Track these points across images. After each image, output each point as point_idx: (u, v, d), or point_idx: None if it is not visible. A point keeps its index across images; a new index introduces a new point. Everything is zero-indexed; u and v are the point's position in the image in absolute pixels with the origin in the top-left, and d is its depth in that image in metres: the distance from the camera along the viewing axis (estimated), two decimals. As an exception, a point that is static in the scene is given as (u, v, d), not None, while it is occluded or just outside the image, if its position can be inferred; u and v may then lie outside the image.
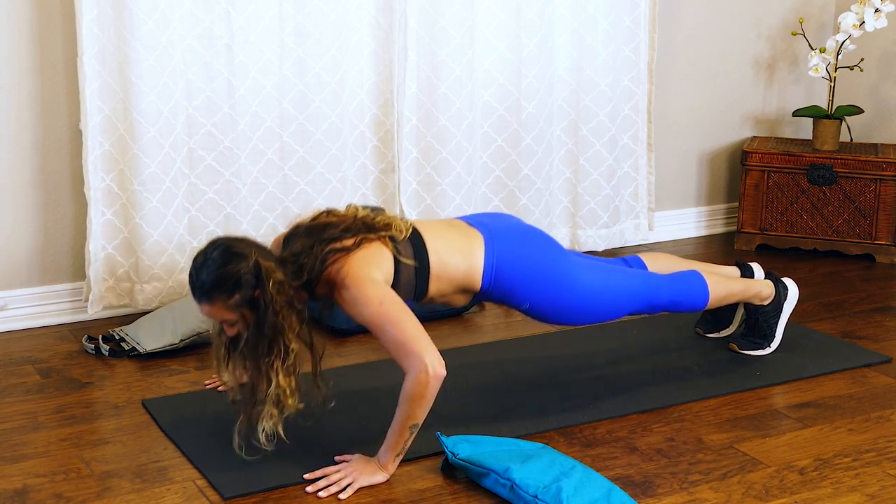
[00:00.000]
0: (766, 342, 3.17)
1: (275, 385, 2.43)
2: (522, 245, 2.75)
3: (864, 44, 4.42)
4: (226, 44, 3.45)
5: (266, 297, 2.41)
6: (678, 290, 2.96)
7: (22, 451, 2.61)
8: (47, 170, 3.39)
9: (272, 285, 2.41)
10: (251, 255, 2.43)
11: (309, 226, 2.60)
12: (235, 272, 2.41)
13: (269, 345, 2.43)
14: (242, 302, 2.43)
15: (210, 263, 2.44)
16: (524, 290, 2.72)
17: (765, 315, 3.15)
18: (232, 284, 2.41)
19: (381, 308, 2.44)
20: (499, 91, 3.91)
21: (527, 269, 2.72)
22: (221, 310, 2.45)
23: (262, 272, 2.41)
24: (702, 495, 2.41)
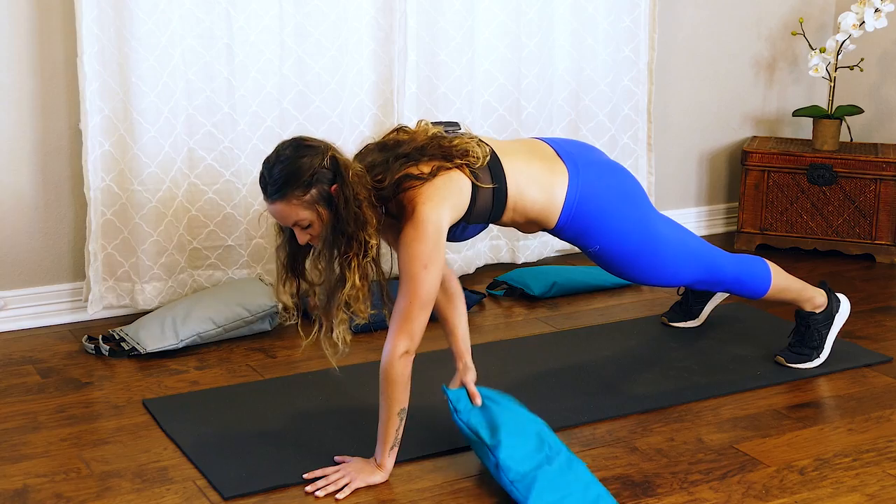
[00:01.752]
0: (816, 353, 3.09)
1: (350, 285, 2.35)
2: (608, 187, 2.65)
3: (864, 44, 4.42)
4: (226, 44, 3.45)
5: (346, 190, 2.32)
6: (744, 269, 2.93)
7: (22, 451, 2.61)
8: (47, 170, 3.39)
9: (352, 176, 2.33)
10: (327, 149, 2.36)
11: (381, 142, 2.51)
12: (311, 165, 2.33)
13: (348, 240, 2.35)
14: (319, 198, 2.34)
15: (284, 159, 2.35)
16: (598, 233, 2.65)
17: (816, 323, 3.07)
18: (308, 178, 2.32)
19: (420, 271, 2.36)
20: (499, 91, 3.91)
21: (606, 212, 2.63)
22: (296, 207, 2.35)
23: (339, 165, 2.34)
24: (702, 495, 2.41)
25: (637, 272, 2.77)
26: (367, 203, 2.36)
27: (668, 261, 2.77)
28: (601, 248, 2.69)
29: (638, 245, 2.71)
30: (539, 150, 2.66)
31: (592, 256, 2.74)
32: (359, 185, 2.36)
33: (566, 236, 2.69)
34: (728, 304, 3.56)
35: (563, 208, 2.61)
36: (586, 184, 2.61)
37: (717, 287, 2.93)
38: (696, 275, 2.85)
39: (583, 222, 2.64)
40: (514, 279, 3.77)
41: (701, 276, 2.86)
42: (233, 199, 3.55)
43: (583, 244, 2.71)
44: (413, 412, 2.75)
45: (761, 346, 3.23)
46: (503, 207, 2.56)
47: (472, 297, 3.61)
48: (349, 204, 2.34)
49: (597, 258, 2.75)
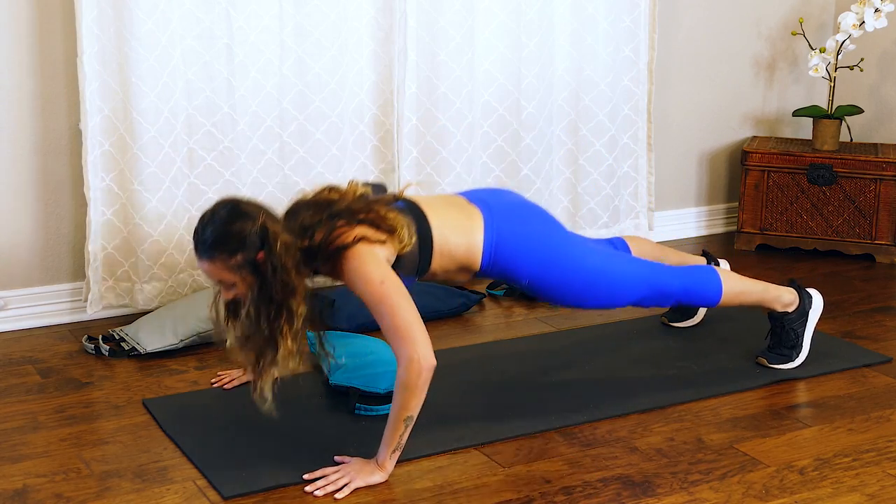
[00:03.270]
0: (795, 353, 3.09)
1: (282, 351, 2.41)
2: (522, 222, 2.75)
3: (864, 44, 4.42)
4: (226, 44, 3.45)
5: (273, 260, 2.38)
6: (691, 280, 2.94)
7: (22, 451, 2.61)
8: (47, 170, 3.39)
9: (280, 247, 2.39)
10: (259, 216, 2.41)
11: (313, 201, 2.57)
12: (241, 231, 2.39)
13: (277, 307, 2.41)
14: (244, 263, 2.40)
15: (216, 220, 2.42)
16: (524, 267, 2.73)
17: (790, 322, 3.07)
18: (235, 244, 2.39)
19: (381, 288, 2.43)
20: (499, 91, 3.91)
21: (526, 246, 2.72)
22: (221, 269, 2.42)
23: (268, 234, 2.40)
24: (702, 495, 2.41)
25: (574, 299, 2.82)
26: (294, 272, 2.43)
27: (602, 285, 2.81)
28: (530, 281, 2.76)
29: (566, 274, 2.77)
30: (455, 201, 2.78)
31: (527, 291, 2.80)
32: (286, 255, 2.42)
33: (494, 275, 2.76)
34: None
35: (484, 248, 2.70)
36: (501, 224, 2.72)
37: (667, 301, 2.94)
38: (639, 293, 2.87)
39: (505, 259, 2.72)
40: (514, 279, 3.76)
41: (644, 294, 2.88)
42: (233, 199, 3.55)
43: (513, 280, 2.77)
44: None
45: (760, 346, 3.22)
46: (430, 255, 2.64)
47: (472, 297, 3.61)
48: (276, 272, 2.40)
49: (532, 292, 2.80)
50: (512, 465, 2.55)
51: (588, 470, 2.52)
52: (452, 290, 3.62)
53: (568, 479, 2.48)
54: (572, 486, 2.44)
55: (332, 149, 3.65)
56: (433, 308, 3.51)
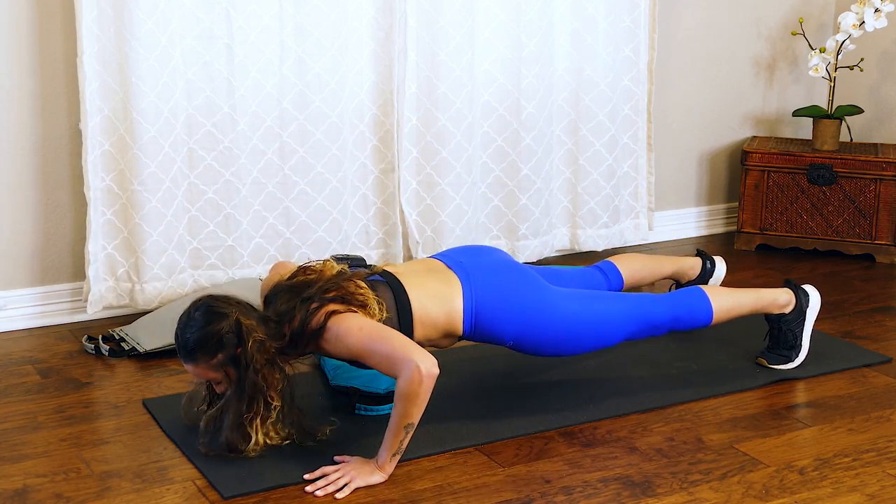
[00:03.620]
0: (794, 353, 3.08)
1: (253, 442, 2.51)
2: (499, 284, 2.75)
3: (864, 44, 4.42)
4: (226, 44, 3.45)
5: (247, 356, 2.47)
6: (677, 306, 2.91)
7: (22, 451, 2.61)
8: (47, 170, 3.39)
9: (252, 344, 2.47)
10: (232, 314, 2.49)
11: (288, 285, 2.62)
12: (217, 332, 2.48)
13: (248, 402, 2.49)
14: (226, 361, 2.49)
15: (193, 324, 2.51)
16: (506, 329, 2.73)
17: (787, 323, 3.06)
18: (214, 344, 2.48)
19: (361, 332, 2.47)
20: (499, 91, 3.91)
21: (506, 308, 2.72)
22: (206, 370, 2.52)
23: (242, 330, 2.48)
24: (702, 495, 2.41)
25: (563, 350, 2.81)
26: (268, 367, 2.49)
27: (587, 332, 2.80)
28: (515, 342, 2.76)
29: (549, 328, 2.76)
30: (432, 267, 2.78)
31: (515, 349, 2.80)
32: (259, 351, 2.48)
33: (478, 338, 2.76)
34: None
35: (464, 315, 2.70)
36: (479, 288, 2.72)
37: (659, 332, 2.92)
38: (628, 330, 2.85)
39: (487, 323, 2.72)
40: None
41: (633, 329, 2.86)
42: (233, 199, 3.55)
43: (498, 342, 2.77)
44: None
45: (761, 346, 3.22)
46: (411, 325, 2.64)
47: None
48: (249, 370, 2.47)
49: (520, 349, 2.80)
50: (512, 465, 2.55)
51: (588, 470, 2.52)
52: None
53: (568, 479, 2.48)
54: (572, 486, 2.44)
55: (332, 149, 3.65)
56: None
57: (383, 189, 3.82)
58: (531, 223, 4.03)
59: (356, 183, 3.77)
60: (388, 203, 3.83)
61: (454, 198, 3.85)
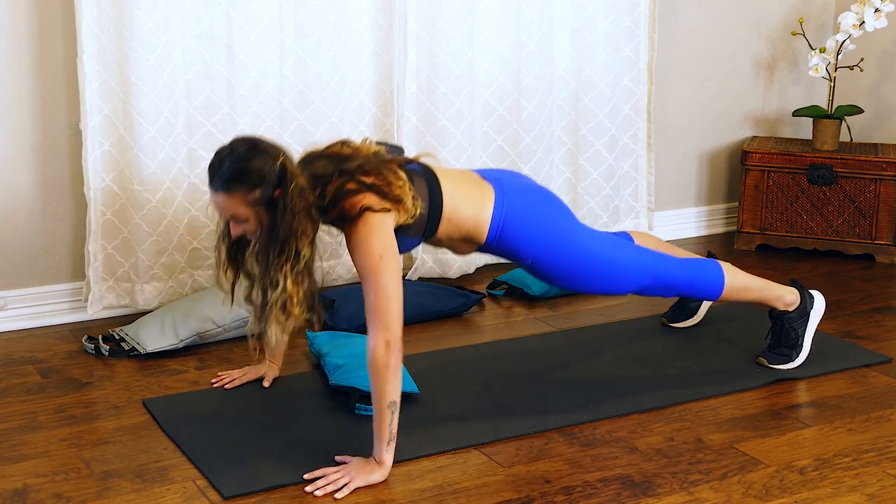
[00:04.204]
0: (795, 353, 3.08)
1: (281, 289, 2.44)
2: (532, 204, 2.78)
3: (864, 44, 4.42)
4: (226, 44, 3.45)
5: (286, 199, 2.42)
6: (693, 272, 2.96)
7: (22, 451, 2.61)
8: (47, 170, 3.39)
9: (294, 187, 2.43)
10: (279, 155, 2.45)
11: (326, 152, 2.61)
12: (261, 167, 2.43)
13: (281, 247, 2.44)
14: (261, 199, 2.44)
15: (236, 155, 2.45)
16: (528, 247, 2.76)
17: (791, 321, 3.07)
18: (256, 179, 2.43)
19: (377, 263, 2.46)
20: (499, 91, 3.91)
21: (533, 227, 2.76)
22: (237, 203, 2.46)
23: (287, 173, 2.44)
24: (702, 495, 2.41)
25: (576, 283, 2.85)
26: (304, 214, 2.46)
27: (605, 271, 2.84)
28: (534, 261, 2.79)
29: (570, 257, 2.80)
30: (469, 175, 2.81)
31: (530, 270, 2.83)
32: (300, 196, 2.45)
33: (499, 250, 2.79)
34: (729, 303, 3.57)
35: (492, 223, 2.72)
36: (511, 202, 2.75)
37: (669, 292, 2.96)
38: (642, 281, 2.89)
39: (511, 236, 2.75)
40: (514, 279, 3.77)
41: (647, 283, 2.90)
42: (233, 199, 3.55)
43: (517, 258, 2.80)
44: (412, 412, 2.75)
45: (761, 346, 3.22)
46: (438, 220, 2.67)
47: (472, 297, 3.61)
48: (286, 212, 2.43)
49: (534, 271, 2.83)
50: (512, 465, 2.55)
51: (588, 470, 2.52)
52: (452, 290, 3.63)
53: (568, 479, 2.48)
54: (572, 486, 2.44)
55: (332, 149, 3.65)
56: (433, 308, 3.51)
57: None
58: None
59: (356, 183, 3.77)
60: (388, 203, 3.83)
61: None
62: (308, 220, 2.46)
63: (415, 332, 3.38)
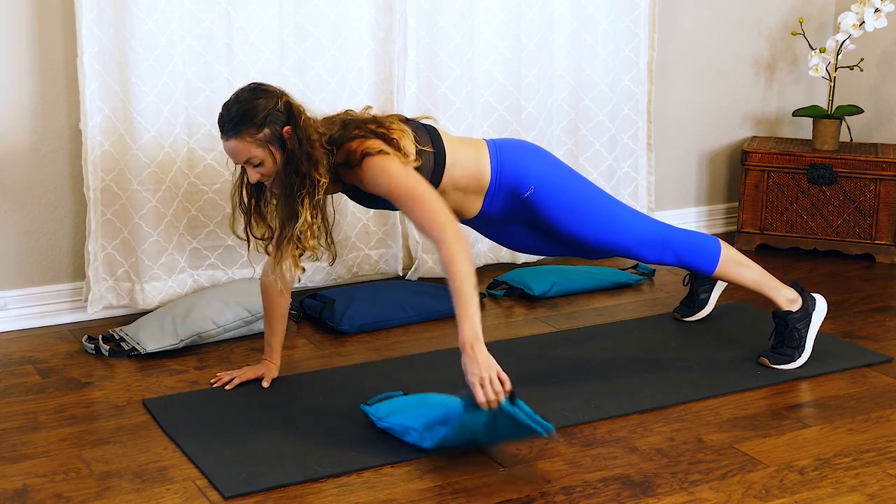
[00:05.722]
0: (797, 353, 3.09)
1: (301, 220, 2.55)
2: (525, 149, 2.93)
3: (864, 44, 4.42)
4: (226, 44, 3.45)
5: (299, 132, 2.54)
6: (691, 237, 3.04)
7: (22, 451, 2.61)
8: (47, 170, 3.39)
9: (304, 119, 2.56)
10: (281, 94, 2.59)
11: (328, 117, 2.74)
12: (266, 106, 2.55)
13: (301, 178, 2.55)
14: (272, 137, 2.56)
15: (242, 99, 2.58)
16: (529, 174, 2.86)
17: (794, 321, 3.07)
18: (262, 118, 2.55)
19: (406, 179, 2.57)
20: (499, 91, 3.91)
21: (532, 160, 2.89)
22: (250, 145, 2.56)
23: (293, 109, 2.57)
24: (702, 495, 2.41)
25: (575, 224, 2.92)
26: (318, 144, 2.58)
27: (604, 214, 2.94)
28: (536, 188, 2.86)
29: (570, 193, 2.91)
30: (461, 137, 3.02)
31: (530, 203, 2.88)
32: (310, 127, 2.58)
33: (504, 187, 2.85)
34: (729, 303, 3.57)
35: (491, 162, 2.84)
36: (503, 144, 2.90)
37: (666, 256, 3.02)
38: (639, 235, 2.97)
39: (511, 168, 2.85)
40: (514, 279, 3.77)
41: (644, 238, 2.97)
42: (233, 199, 3.55)
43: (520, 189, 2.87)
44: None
45: (761, 346, 3.23)
46: (444, 167, 2.77)
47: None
48: (302, 144, 2.56)
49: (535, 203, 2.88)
50: (512, 465, 2.55)
51: (588, 470, 2.52)
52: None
53: (568, 479, 2.48)
54: (572, 486, 2.44)
55: (332, 149, 3.65)
56: (433, 308, 3.51)
57: (383, 189, 3.82)
58: (531, 223, 4.03)
59: (356, 183, 3.77)
60: (388, 203, 3.83)
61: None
62: (322, 150, 2.58)
63: (415, 332, 3.38)
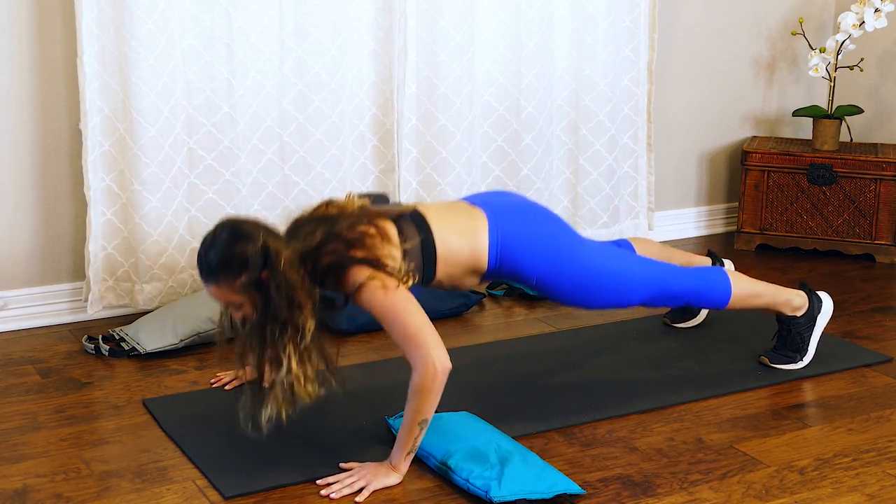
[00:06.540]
0: (799, 356, 3.09)
1: (286, 370, 2.39)
2: (527, 221, 2.75)
3: (864, 44, 4.42)
4: (226, 44, 3.45)
5: (276, 277, 2.38)
6: (699, 281, 2.94)
7: (22, 451, 2.61)
8: (47, 170, 3.39)
9: (283, 263, 2.39)
10: (259, 236, 2.41)
11: (312, 216, 2.56)
12: (242, 252, 2.39)
13: (283, 325, 2.40)
14: (249, 283, 2.40)
15: (217, 244, 2.42)
16: (532, 265, 2.72)
17: (798, 327, 3.07)
18: (239, 265, 2.39)
19: (386, 299, 2.43)
20: (499, 91, 3.91)
21: (533, 245, 2.72)
22: (227, 292, 2.43)
23: (270, 253, 2.40)
24: (702, 495, 2.41)
25: (583, 298, 2.82)
26: (299, 288, 2.41)
27: (610, 284, 2.81)
28: (539, 279, 2.76)
29: (574, 272, 2.77)
30: (458, 205, 2.77)
31: (536, 290, 2.80)
32: (290, 271, 2.40)
33: (503, 275, 2.76)
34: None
35: (490, 249, 2.69)
36: (506, 224, 2.71)
37: (676, 302, 2.94)
38: (648, 293, 2.86)
39: (513, 258, 2.71)
40: (515, 279, 3.76)
41: (653, 294, 2.88)
42: (233, 199, 3.55)
43: (522, 279, 2.77)
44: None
45: (761, 346, 3.23)
46: (434, 261, 2.63)
47: (472, 298, 3.61)
48: (280, 290, 2.39)
49: (541, 290, 2.80)
50: (512, 465, 2.54)
51: (588, 470, 2.52)
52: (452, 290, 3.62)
53: (568, 479, 2.48)
54: (572, 486, 2.44)
55: (332, 149, 3.65)
56: (433, 308, 3.51)
57: (383, 189, 3.82)
58: (531, 223, 4.03)
59: (356, 183, 3.77)
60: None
61: (454, 198, 3.85)
62: (303, 293, 2.42)
63: (415, 332, 3.38)
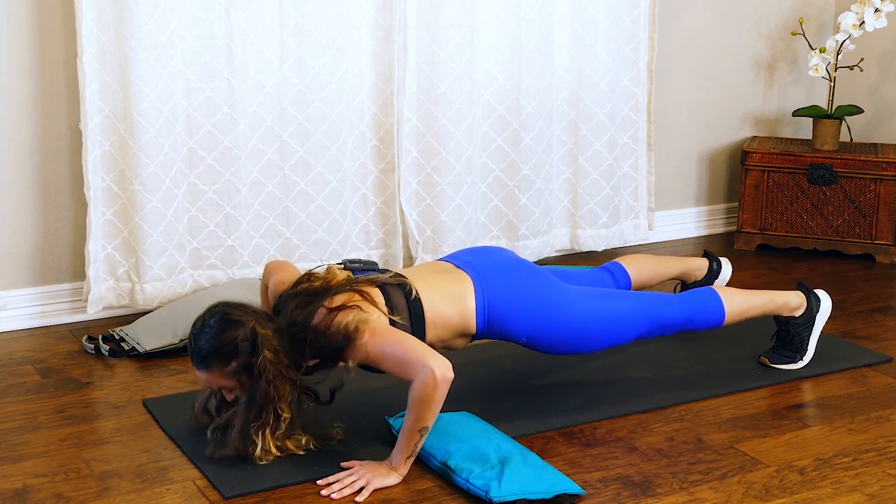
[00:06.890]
0: (799, 356, 3.09)
1: (260, 448, 2.48)
2: (511, 280, 2.74)
3: (864, 44, 4.42)
4: (226, 44, 3.45)
5: (259, 367, 2.44)
6: (690, 308, 2.92)
7: (22, 451, 2.61)
8: (47, 170, 3.39)
9: (267, 354, 2.44)
10: (248, 322, 2.46)
11: (296, 293, 2.57)
12: (232, 339, 2.45)
13: (258, 411, 2.47)
14: (239, 369, 2.46)
15: (207, 331, 2.48)
16: (519, 325, 2.72)
17: (796, 327, 3.07)
18: (228, 352, 2.45)
19: (374, 338, 2.45)
20: (498, 91, 3.91)
21: (519, 304, 2.72)
22: (219, 377, 2.49)
23: (258, 339, 2.44)
24: (702, 495, 2.41)
25: (576, 347, 2.81)
26: (279, 378, 2.46)
27: (599, 330, 2.80)
28: (528, 337, 2.75)
29: (562, 325, 2.76)
30: (442, 268, 2.77)
31: (528, 347, 2.80)
32: (272, 363, 2.45)
33: (492, 335, 2.75)
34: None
35: (477, 312, 2.69)
36: (491, 285, 2.70)
37: (670, 332, 2.93)
38: (640, 329, 2.86)
39: (500, 320, 2.71)
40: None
41: (646, 329, 2.87)
42: (233, 199, 3.55)
43: (511, 338, 2.77)
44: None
45: (761, 346, 3.23)
46: (423, 329, 2.62)
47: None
48: (261, 379, 2.44)
49: (532, 347, 2.79)
50: (512, 465, 2.54)
51: (588, 470, 2.52)
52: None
53: (568, 479, 2.48)
54: (572, 486, 2.44)
55: (332, 149, 3.65)
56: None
57: (383, 189, 3.82)
58: (531, 223, 4.03)
59: (356, 183, 3.77)
60: (388, 203, 3.83)
61: (454, 198, 3.85)
62: (285, 383, 2.47)
63: (415, 332, 3.38)
